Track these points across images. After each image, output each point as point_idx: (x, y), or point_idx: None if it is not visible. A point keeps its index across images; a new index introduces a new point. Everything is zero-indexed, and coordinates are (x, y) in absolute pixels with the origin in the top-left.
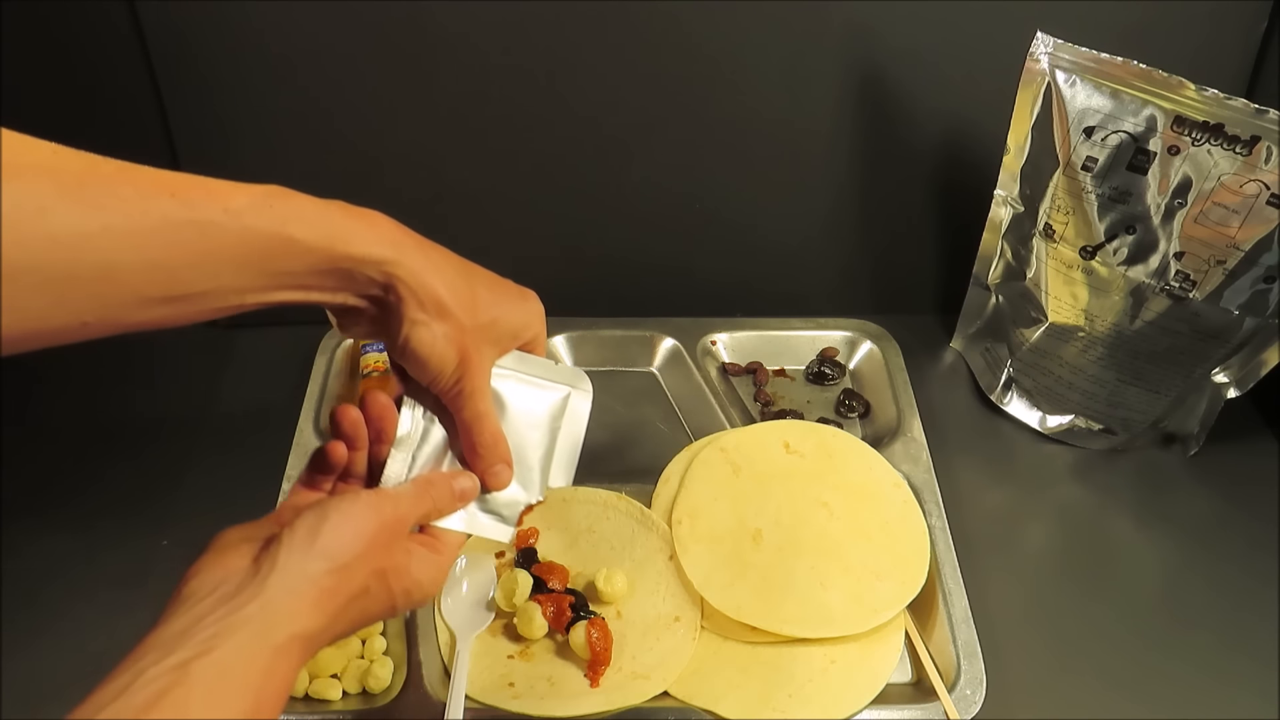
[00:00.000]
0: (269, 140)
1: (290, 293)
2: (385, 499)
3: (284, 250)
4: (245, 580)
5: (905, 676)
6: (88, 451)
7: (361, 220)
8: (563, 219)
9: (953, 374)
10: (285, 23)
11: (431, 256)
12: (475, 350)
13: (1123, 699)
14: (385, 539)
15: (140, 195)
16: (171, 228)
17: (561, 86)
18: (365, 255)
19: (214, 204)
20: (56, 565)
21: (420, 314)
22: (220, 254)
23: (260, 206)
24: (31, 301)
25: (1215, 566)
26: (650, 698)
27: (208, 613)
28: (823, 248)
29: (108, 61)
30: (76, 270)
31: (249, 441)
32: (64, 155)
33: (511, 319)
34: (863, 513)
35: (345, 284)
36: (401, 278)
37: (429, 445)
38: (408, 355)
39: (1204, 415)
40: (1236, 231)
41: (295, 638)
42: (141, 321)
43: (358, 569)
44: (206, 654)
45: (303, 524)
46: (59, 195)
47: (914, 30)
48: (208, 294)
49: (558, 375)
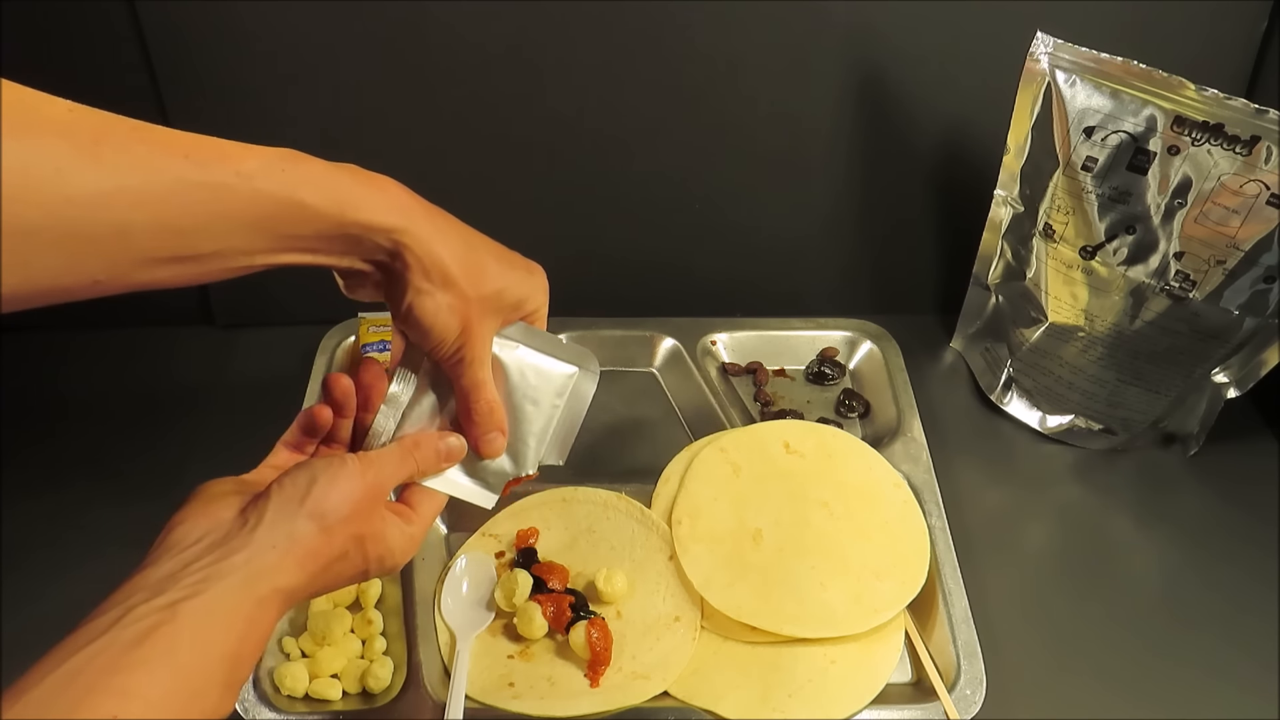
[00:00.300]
0: (269, 140)
1: (297, 255)
2: (370, 464)
3: (294, 215)
4: (233, 531)
5: (905, 676)
6: (88, 450)
7: (372, 186)
8: (563, 219)
9: (953, 374)
10: (285, 23)
11: (440, 225)
12: (478, 319)
13: (1123, 699)
14: (367, 505)
15: (154, 155)
16: (184, 189)
17: (562, 86)
18: (374, 222)
19: (226, 166)
20: (56, 563)
21: (425, 282)
22: (231, 216)
23: (272, 170)
24: (45, 260)
25: (1215, 566)
26: (650, 698)
27: (195, 559)
28: (823, 247)
29: (108, 61)
30: (90, 230)
31: (249, 441)
32: (79, 113)
33: (516, 290)
34: (863, 513)
35: (353, 249)
36: (409, 245)
37: (418, 407)
38: (410, 322)
39: (1204, 415)
40: (1236, 231)
41: (277, 590)
42: (150, 280)
43: (340, 532)
44: (194, 596)
45: (291, 482)
46: (75, 155)
47: (914, 30)
48: (216, 254)
49: (565, 353)
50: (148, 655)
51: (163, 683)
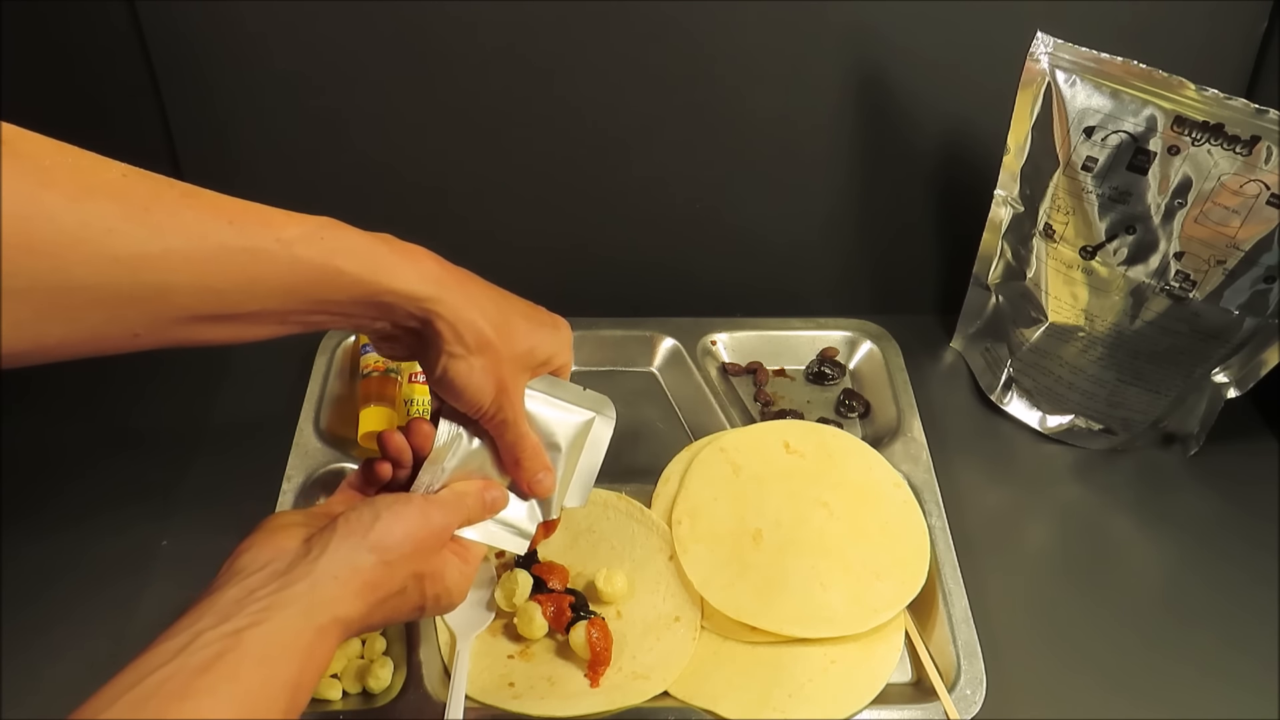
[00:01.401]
0: (269, 140)
1: (331, 318)
2: (434, 506)
3: (330, 281)
4: (296, 560)
5: (905, 676)
6: (88, 451)
7: (405, 256)
8: (563, 219)
9: (953, 374)
10: (285, 22)
11: (471, 292)
12: (511, 378)
13: (1123, 699)
14: (431, 545)
15: (200, 221)
16: (227, 253)
17: (562, 86)
18: (407, 291)
19: (268, 233)
20: (57, 565)
21: (458, 347)
22: (270, 280)
23: (311, 237)
24: (89, 315)
25: (1215, 566)
26: (650, 698)
27: (260, 586)
28: (823, 248)
29: (108, 61)
30: (134, 290)
31: (249, 441)
32: (133, 178)
33: (545, 348)
34: (863, 513)
35: (385, 314)
36: (441, 314)
37: (457, 457)
38: (445, 385)
39: (1204, 415)
40: (1236, 231)
41: (337, 620)
42: (188, 337)
43: (400, 568)
44: (258, 624)
45: (357, 516)
46: (125, 217)
47: (914, 30)
48: (254, 315)
49: (584, 400)
50: (214, 683)
51: (228, 710)
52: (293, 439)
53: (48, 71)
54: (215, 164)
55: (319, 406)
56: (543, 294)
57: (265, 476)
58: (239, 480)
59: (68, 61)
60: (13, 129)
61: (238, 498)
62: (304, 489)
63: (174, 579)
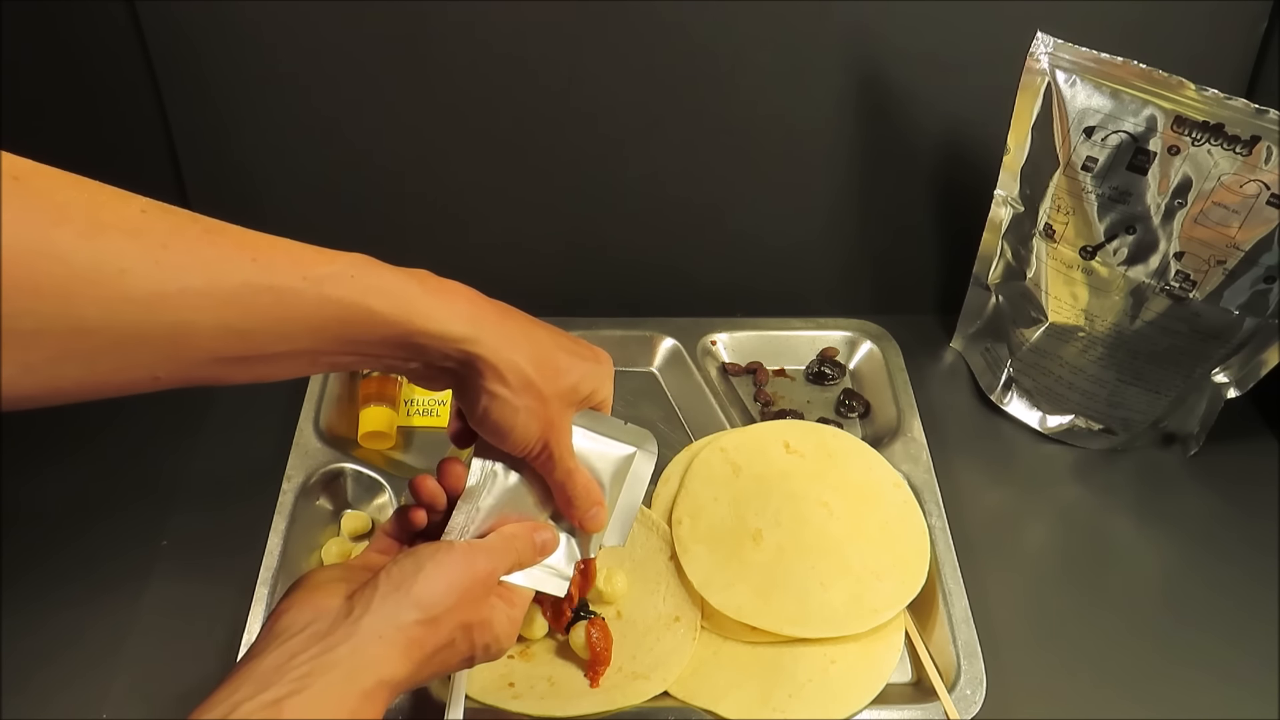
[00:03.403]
0: (270, 140)
1: (363, 359)
2: (478, 553)
3: (362, 321)
4: (338, 620)
5: (905, 676)
6: (86, 451)
7: (442, 295)
8: (563, 219)
9: (953, 374)
10: (285, 22)
11: (511, 330)
12: (559, 415)
13: (1123, 699)
14: (476, 594)
15: (222, 258)
16: (250, 292)
17: (562, 87)
18: (441, 332)
19: (295, 271)
20: (56, 565)
21: (501, 388)
22: (297, 321)
23: (341, 276)
24: (106, 358)
25: (1215, 566)
26: (650, 698)
27: (300, 650)
28: (823, 248)
29: (108, 61)
30: (152, 331)
31: (249, 441)
32: (152, 214)
33: (588, 383)
34: (863, 513)
35: (418, 356)
36: (480, 355)
37: (492, 495)
38: (488, 426)
39: (1204, 415)
40: (1236, 231)
41: (383, 684)
42: (213, 377)
43: (447, 621)
44: (299, 693)
45: (398, 571)
46: (140, 256)
47: (914, 30)
48: (281, 356)
49: (625, 435)
50: None
51: None
52: (293, 439)
53: (48, 71)
54: (215, 164)
55: (319, 406)
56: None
57: (265, 476)
58: (239, 480)
59: (68, 61)
60: (27, 164)
61: (238, 498)
62: (304, 489)
63: (174, 578)
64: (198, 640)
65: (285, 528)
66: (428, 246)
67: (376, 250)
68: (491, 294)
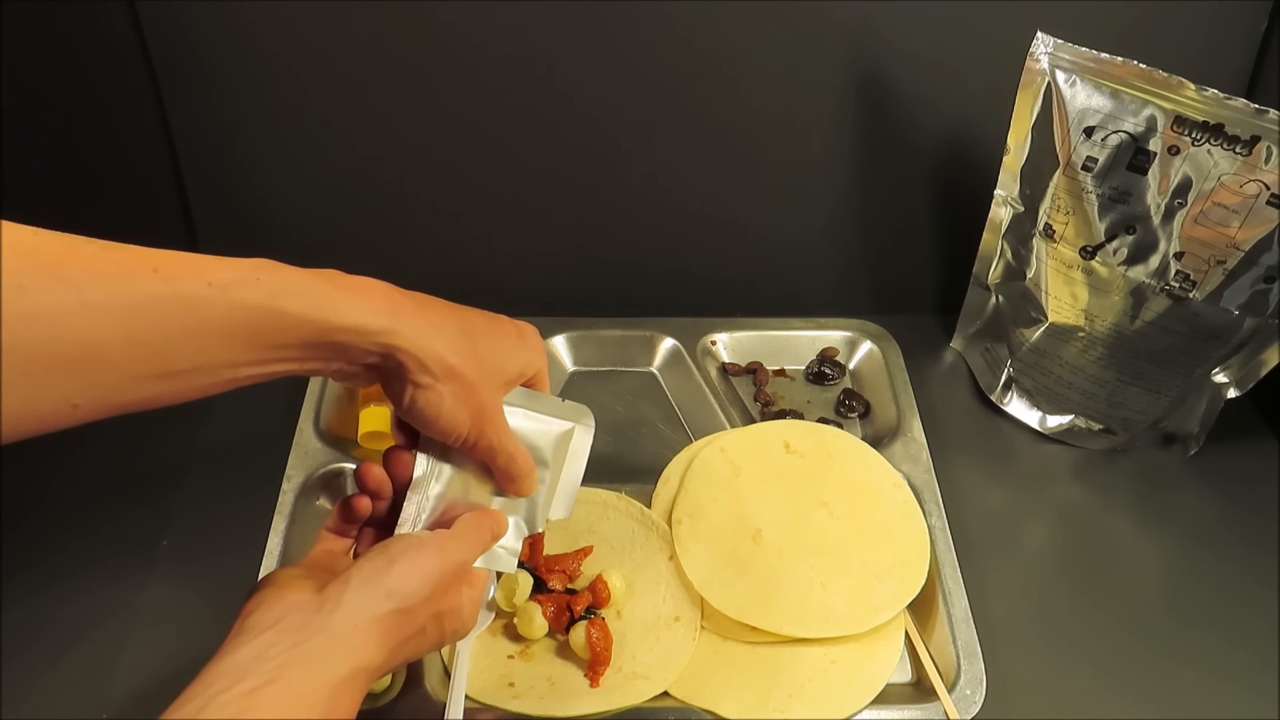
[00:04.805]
0: (270, 140)
1: (285, 364)
2: (450, 544)
3: (274, 324)
4: (310, 613)
5: (905, 676)
6: (86, 450)
7: (354, 290)
8: (563, 219)
9: (953, 374)
10: (286, 22)
11: (430, 318)
12: (488, 399)
13: (1123, 699)
14: (448, 584)
15: (122, 273)
16: (154, 303)
17: (562, 87)
18: (359, 326)
19: (198, 279)
20: (56, 565)
21: (425, 377)
22: (207, 329)
23: (246, 280)
24: (16, 386)
25: (1215, 566)
26: (650, 698)
27: (274, 642)
28: (823, 248)
29: (108, 61)
30: (56, 349)
31: (249, 441)
32: (43, 237)
33: (515, 362)
34: (863, 513)
35: (341, 354)
36: (400, 346)
37: (441, 483)
38: (415, 416)
39: (1204, 415)
40: (1236, 231)
41: (359, 671)
42: (134, 401)
43: (420, 611)
44: (274, 682)
45: (370, 565)
46: (36, 273)
47: (914, 30)
48: (198, 370)
49: (562, 411)
50: None
51: None
52: (293, 439)
53: (48, 71)
54: (215, 164)
55: (319, 406)
56: (544, 294)
57: (265, 476)
58: (239, 480)
59: (68, 61)
60: None
61: (238, 498)
62: (304, 489)
63: (174, 579)
64: (198, 641)
65: (285, 528)
66: (428, 247)
67: (377, 250)
68: (492, 294)
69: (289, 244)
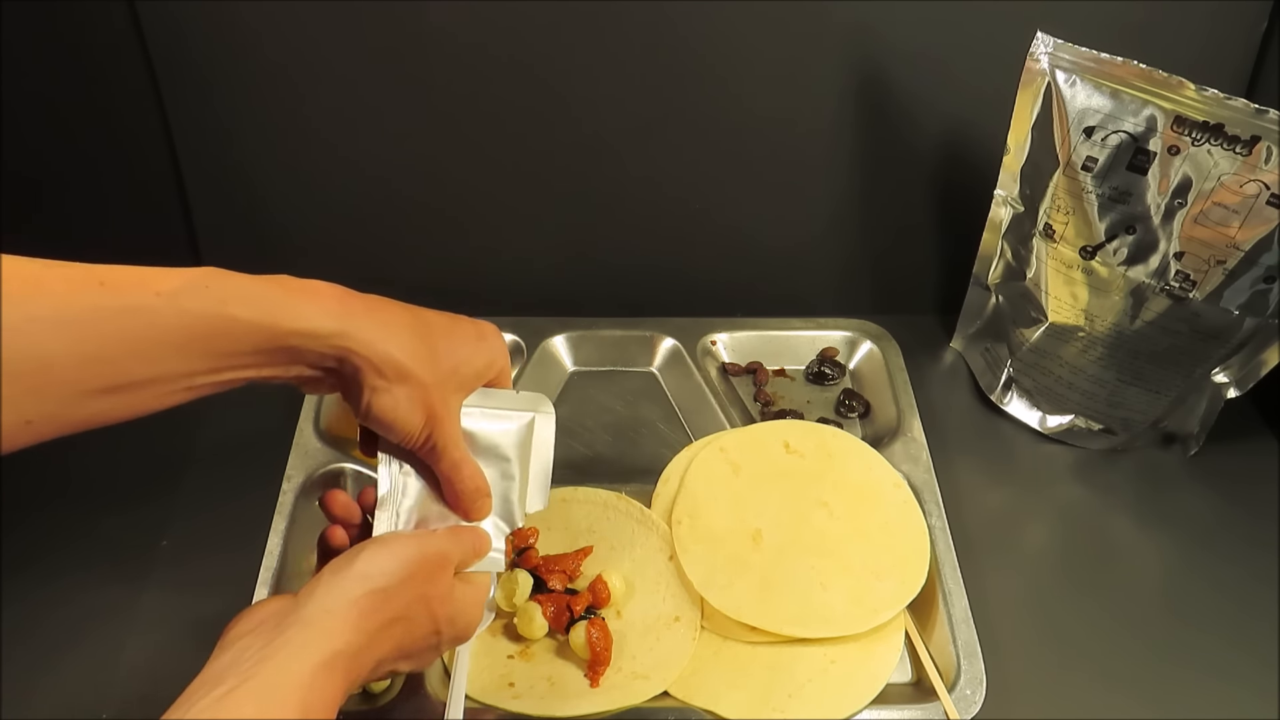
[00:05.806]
0: (269, 140)
1: (239, 372)
2: (426, 534)
3: (225, 331)
4: (284, 613)
5: (905, 676)
6: (86, 451)
7: (304, 294)
8: (563, 219)
9: (953, 374)
10: (286, 23)
11: (382, 319)
12: (441, 403)
13: (1123, 699)
14: (429, 569)
15: (67, 288)
16: (102, 316)
17: (562, 87)
18: (311, 329)
19: (145, 290)
20: (56, 565)
21: (379, 380)
22: (158, 339)
23: (195, 288)
24: None
25: (1215, 566)
26: (650, 698)
27: (249, 645)
28: (823, 248)
29: (108, 61)
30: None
31: (249, 442)
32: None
33: (473, 363)
34: (863, 513)
35: (296, 359)
36: (353, 349)
37: (409, 498)
38: (372, 419)
39: (1204, 415)
40: (1236, 231)
41: (337, 654)
42: (89, 416)
43: (398, 593)
44: (249, 680)
45: (339, 560)
46: None
47: (914, 30)
48: (152, 381)
49: (520, 403)
50: None
51: None
52: (293, 439)
53: (48, 71)
54: (215, 164)
55: (319, 406)
56: (544, 294)
57: (265, 476)
58: (239, 481)
59: (68, 61)
60: None
61: (238, 498)
62: (304, 489)
63: (174, 579)
64: (198, 641)
65: (285, 528)
66: (429, 247)
67: (377, 251)
68: (492, 295)
69: (289, 244)
